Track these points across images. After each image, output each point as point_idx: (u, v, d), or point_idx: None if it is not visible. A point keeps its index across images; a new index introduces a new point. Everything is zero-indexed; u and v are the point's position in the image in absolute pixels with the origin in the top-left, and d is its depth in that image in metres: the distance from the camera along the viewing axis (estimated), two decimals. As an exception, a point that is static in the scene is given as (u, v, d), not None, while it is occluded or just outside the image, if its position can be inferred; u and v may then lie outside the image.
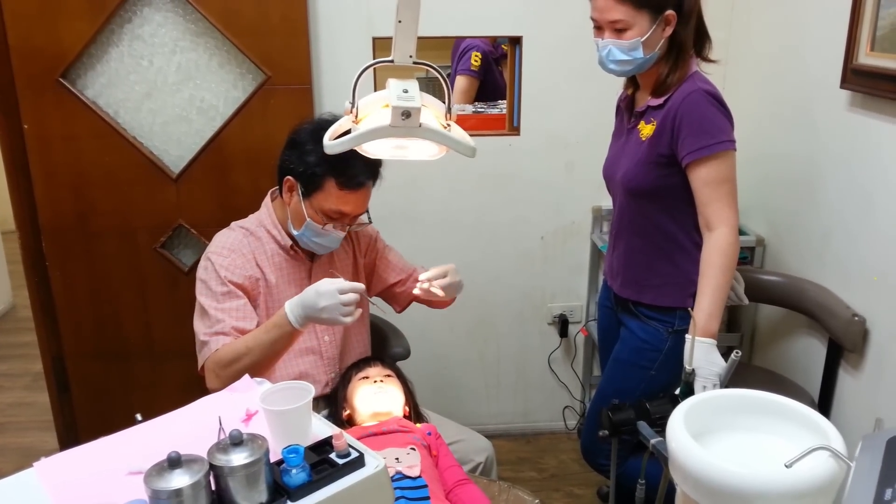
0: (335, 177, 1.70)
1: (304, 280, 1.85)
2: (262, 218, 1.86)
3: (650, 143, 1.74)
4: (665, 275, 1.83)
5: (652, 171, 1.75)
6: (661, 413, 1.49)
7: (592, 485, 2.68)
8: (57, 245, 2.47)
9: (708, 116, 1.67)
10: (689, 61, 1.73)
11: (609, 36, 1.70)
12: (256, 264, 1.80)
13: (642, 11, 1.65)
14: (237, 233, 1.84)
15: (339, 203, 1.73)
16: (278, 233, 1.83)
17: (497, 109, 3.18)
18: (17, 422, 3.16)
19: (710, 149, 1.65)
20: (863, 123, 1.92)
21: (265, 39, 2.33)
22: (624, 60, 1.70)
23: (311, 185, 1.72)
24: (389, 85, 1.21)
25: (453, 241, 2.73)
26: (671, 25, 1.68)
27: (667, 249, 1.82)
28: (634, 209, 1.84)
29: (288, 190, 1.77)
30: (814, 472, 1.04)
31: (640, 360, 1.88)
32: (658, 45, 1.70)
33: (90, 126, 2.36)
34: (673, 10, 1.67)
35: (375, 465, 1.10)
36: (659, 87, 1.74)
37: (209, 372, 1.71)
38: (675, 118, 1.69)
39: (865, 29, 1.86)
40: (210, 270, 1.76)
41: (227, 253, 1.78)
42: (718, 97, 1.70)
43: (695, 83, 1.70)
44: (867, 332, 1.92)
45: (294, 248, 1.84)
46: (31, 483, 1.11)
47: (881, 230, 1.86)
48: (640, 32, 1.66)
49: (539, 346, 2.93)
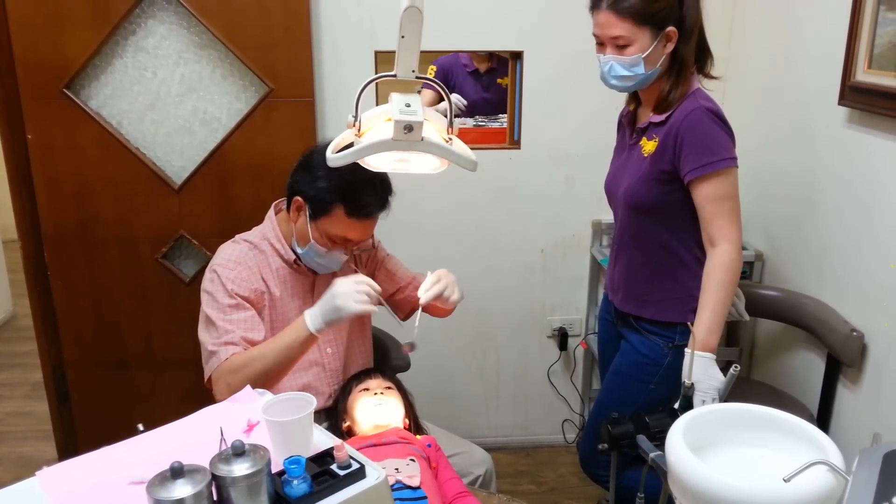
0: (345, 205, 1.69)
1: (307, 294, 1.85)
2: (266, 232, 1.85)
3: (652, 160, 1.75)
4: (666, 290, 1.84)
5: (654, 187, 1.76)
6: (660, 427, 1.49)
7: (591, 498, 2.68)
8: (59, 254, 2.48)
9: (710, 134, 1.68)
10: (690, 78, 1.74)
11: (611, 52, 1.71)
12: (261, 277, 1.80)
13: (644, 28, 1.67)
14: (242, 246, 1.83)
15: (345, 230, 1.73)
16: (282, 247, 1.82)
17: (498, 123, 3.20)
18: (17, 431, 3.15)
19: (713, 166, 1.67)
20: (860, 140, 1.93)
21: (268, 52, 2.34)
22: (625, 76, 1.72)
23: (320, 209, 1.72)
24: (392, 99, 1.23)
25: (454, 254, 2.74)
26: (672, 42, 1.70)
27: (668, 265, 1.83)
28: (636, 224, 1.85)
29: (296, 209, 1.77)
30: (812, 486, 1.04)
31: (639, 373, 1.88)
32: (659, 61, 1.71)
33: (93, 136, 2.37)
34: (674, 26, 1.68)
35: (376, 476, 1.11)
36: (661, 104, 1.75)
37: (218, 381, 1.69)
38: (676, 135, 1.70)
39: (863, 46, 1.88)
40: (216, 283, 1.75)
41: (233, 265, 1.78)
42: (720, 114, 1.71)
43: (696, 100, 1.71)
44: (865, 347, 1.93)
45: (297, 263, 1.84)
46: (34, 492, 1.11)
47: (879, 246, 1.87)
48: (641, 48, 1.68)
49: (538, 359, 2.93)
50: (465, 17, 2.50)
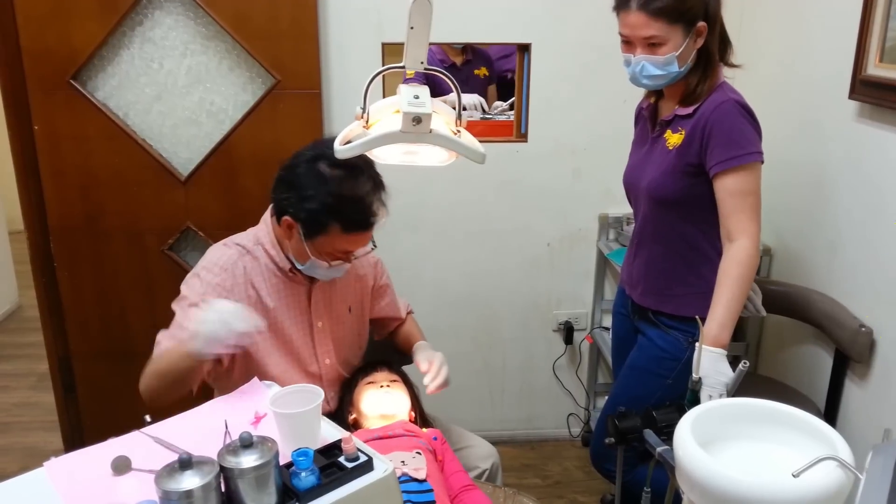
0: (340, 222, 1.58)
1: (303, 303, 1.76)
2: (261, 236, 1.72)
3: (678, 153, 1.73)
4: (688, 284, 1.82)
5: (679, 180, 1.74)
6: (667, 421, 1.49)
7: (596, 492, 2.68)
8: (65, 246, 2.48)
9: (738, 127, 1.66)
10: (717, 70, 1.72)
11: (642, 52, 1.68)
12: (252, 286, 1.69)
13: (676, 26, 1.64)
14: (233, 251, 1.71)
15: (345, 244, 1.63)
16: (277, 254, 1.70)
17: (505, 116, 3.20)
18: (23, 422, 3.16)
19: (739, 160, 1.65)
20: (871, 134, 1.92)
21: (275, 44, 2.34)
22: (658, 75, 1.69)
23: (314, 229, 1.60)
24: (400, 91, 1.22)
25: (459, 248, 2.74)
26: (703, 36, 1.67)
27: (690, 259, 1.81)
28: (658, 218, 1.83)
29: (286, 228, 1.63)
30: (821, 481, 1.04)
31: (658, 368, 1.87)
32: (691, 56, 1.69)
33: (100, 128, 2.37)
34: (704, 20, 1.66)
35: (384, 469, 1.11)
36: (688, 97, 1.73)
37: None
38: (704, 127, 1.68)
39: (874, 40, 1.86)
40: (194, 287, 1.66)
41: (219, 271, 1.67)
42: (749, 108, 1.69)
43: (725, 93, 1.69)
44: (874, 342, 1.92)
45: (293, 271, 1.72)
46: (41, 482, 1.11)
47: (888, 241, 1.85)
48: (674, 47, 1.65)
49: (544, 354, 2.93)
50: (474, 10, 2.49)
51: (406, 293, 2.08)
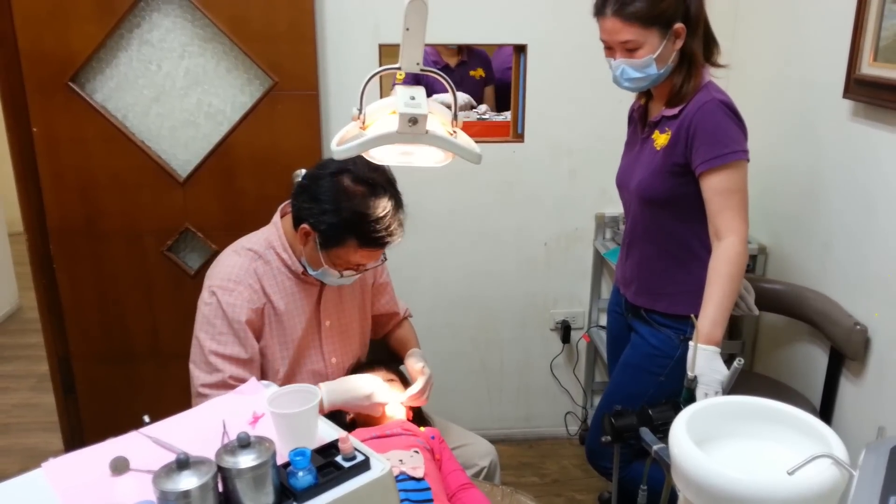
0: (358, 238, 1.62)
1: (313, 307, 1.79)
2: (272, 238, 1.74)
3: (665, 153, 1.75)
4: (679, 283, 1.84)
5: (667, 180, 1.76)
6: (663, 419, 1.50)
7: (594, 490, 2.69)
8: (64, 247, 2.49)
9: (722, 126, 1.68)
10: (701, 70, 1.74)
11: (621, 56, 1.70)
12: (264, 292, 1.71)
13: (651, 29, 1.66)
14: (244, 258, 1.72)
15: (359, 258, 1.67)
16: (289, 257, 1.72)
17: (502, 117, 3.20)
18: (23, 423, 3.17)
19: (723, 158, 1.66)
20: (865, 133, 1.93)
21: (273, 45, 2.34)
22: (638, 78, 1.71)
23: (331, 241, 1.64)
24: (396, 91, 1.23)
25: (456, 247, 2.75)
26: (681, 38, 1.69)
27: (681, 258, 1.83)
28: (648, 218, 1.85)
29: (303, 235, 1.67)
30: (816, 479, 1.05)
31: (650, 365, 1.88)
32: (671, 58, 1.70)
33: (99, 130, 2.38)
34: (681, 21, 1.67)
35: (381, 468, 1.11)
36: (674, 98, 1.74)
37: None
38: (689, 127, 1.69)
39: (868, 39, 1.87)
40: (214, 307, 1.66)
41: (233, 286, 1.67)
42: (733, 108, 1.70)
43: (710, 93, 1.71)
44: (869, 340, 1.93)
45: (305, 274, 1.75)
46: (39, 483, 1.12)
47: (883, 239, 1.86)
48: (651, 49, 1.67)
49: (541, 352, 2.94)
50: (470, 11, 2.49)
51: (404, 293, 2.09)
